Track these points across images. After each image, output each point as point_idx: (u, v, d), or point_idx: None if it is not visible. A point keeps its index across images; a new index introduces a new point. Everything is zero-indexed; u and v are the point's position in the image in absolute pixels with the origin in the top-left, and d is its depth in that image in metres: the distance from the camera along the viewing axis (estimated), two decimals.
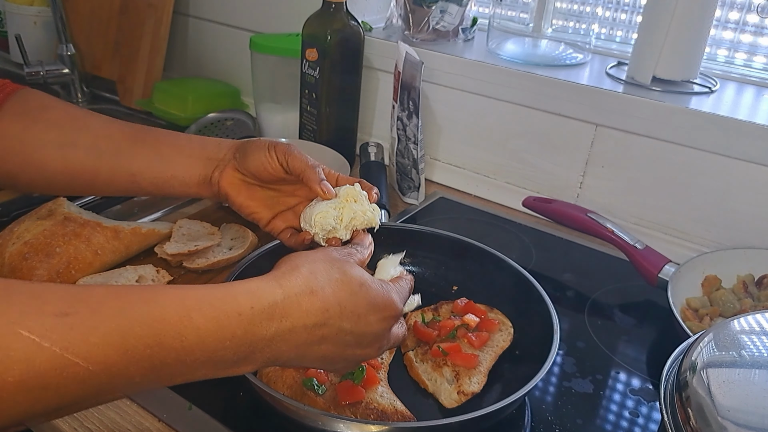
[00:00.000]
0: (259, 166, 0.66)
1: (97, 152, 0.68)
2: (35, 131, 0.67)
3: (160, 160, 0.68)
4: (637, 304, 0.89)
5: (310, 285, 0.49)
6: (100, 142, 0.68)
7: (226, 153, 0.69)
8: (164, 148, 0.69)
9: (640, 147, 0.98)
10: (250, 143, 0.68)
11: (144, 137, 0.69)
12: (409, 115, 1.04)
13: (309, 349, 0.49)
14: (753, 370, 0.52)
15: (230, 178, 0.69)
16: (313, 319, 0.49)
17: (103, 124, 0.70)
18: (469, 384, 0.67)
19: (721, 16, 1.04)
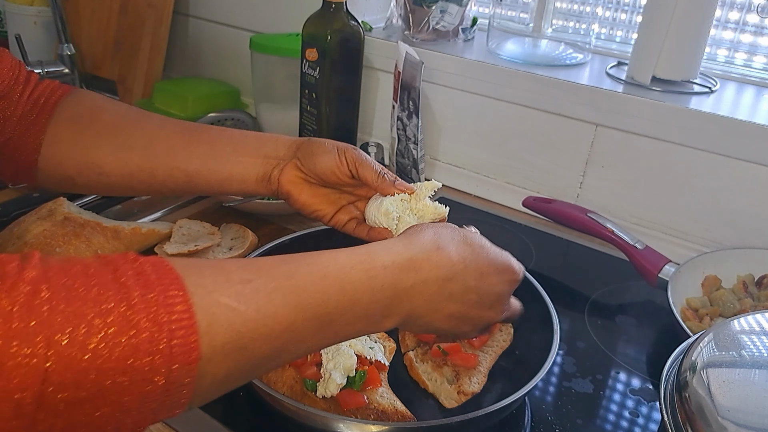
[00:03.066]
0: (326, 170, 0.66)
1: (152, 154, 0.67)
2: (89, 135, 0.67)
3: (217, 159, 0.68)
4: (637, 304, 0.89)
5: (436, 242, 0.54)
6: (155, 144, 0.68)
7: (286, 151, 0.69)
8: (220, 146, 0.68)
9: (640, 147, 0.98)
10: (315, 144, 0.67)
11: (198, 136, 0.69)
12: (409, 115, 1.04)
13: (439, 304, 0.53)
14: (753, 370, 0.52)
15: (291, 177, 0.69)
16: (443, 272, 0.53)
17: (157, 124, 0.69)
18: (469, 384, 0.67)
19: (721, 16, 1.04)
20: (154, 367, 0.36)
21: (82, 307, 0.35)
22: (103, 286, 0.37)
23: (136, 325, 0.36)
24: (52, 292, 0.35)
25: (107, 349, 0.35)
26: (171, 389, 0.37)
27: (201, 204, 1.04)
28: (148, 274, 0.38)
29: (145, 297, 0.37)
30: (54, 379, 0.33)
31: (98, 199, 1.01)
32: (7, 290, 0.34)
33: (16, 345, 0.33)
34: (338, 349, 0.65)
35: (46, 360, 0.33)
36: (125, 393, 0.36)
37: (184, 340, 0.37)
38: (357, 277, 0.48)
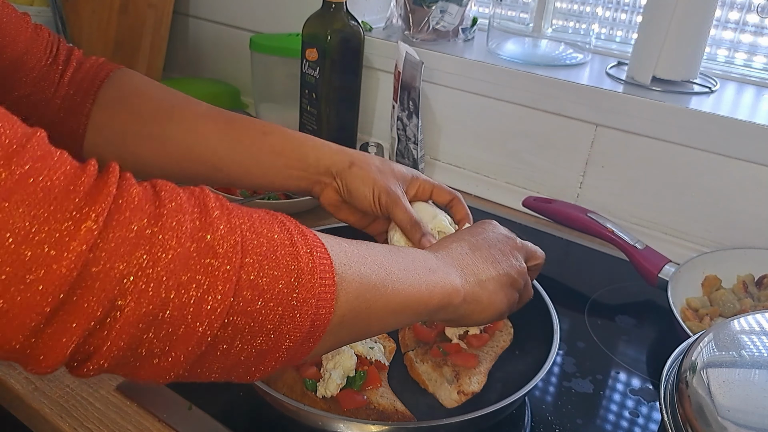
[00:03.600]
0: (361, 207, 0.69)
1: (196, 154, 0.68)
2: (129, 123, 0.68)
3: (258, 168, 0.69)
4: (637, 304, 0.89)
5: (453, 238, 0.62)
6: (200, 143, 0.68)
7: (326, 170, 0.69)
8: (262, 156, 0.69)
9: (640, 147, 0.98)
10: (354, 180, 0.68)
11: (239, 138, 0.68)
12: (409, 115, 1.04)
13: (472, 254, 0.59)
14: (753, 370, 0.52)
15: (330, 199, 0.71)
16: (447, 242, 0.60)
17: (199, 115, 0.69)
18: (470, 384, 0.67)
19: (721, 16, 1.04)
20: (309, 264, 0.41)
21: (250, 213, 0.41)
22: (252, 209, 0.42)
23: (289, 231, 0.42)
24: (233, 208, 0.40)
25: (275, 243, 0.41)
26: (320, 296, 0.42)
27: None
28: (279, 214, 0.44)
29: (287, 219, 0.44)
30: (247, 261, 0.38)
31: None
32: (199, 190, 0.40)
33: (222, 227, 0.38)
34: (338, 350, 0.65)
35: (242, 243, 0.38)
36: (291, 286, 0.40)
37: (322, 254, 0.43)
38: (399, 249, 0.55)
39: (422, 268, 0.53)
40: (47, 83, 0.66)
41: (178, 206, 0.37)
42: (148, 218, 0.35)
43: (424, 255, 0.55)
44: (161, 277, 0.35)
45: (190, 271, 0.36)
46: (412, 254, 0.54)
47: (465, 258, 0.58)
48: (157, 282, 0.34)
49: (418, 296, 0.51)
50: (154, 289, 0.34)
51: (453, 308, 0.55)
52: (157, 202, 0.36)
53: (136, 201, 0.35)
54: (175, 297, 0.35)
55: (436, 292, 0.52)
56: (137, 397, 0.65)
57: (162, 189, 0.38)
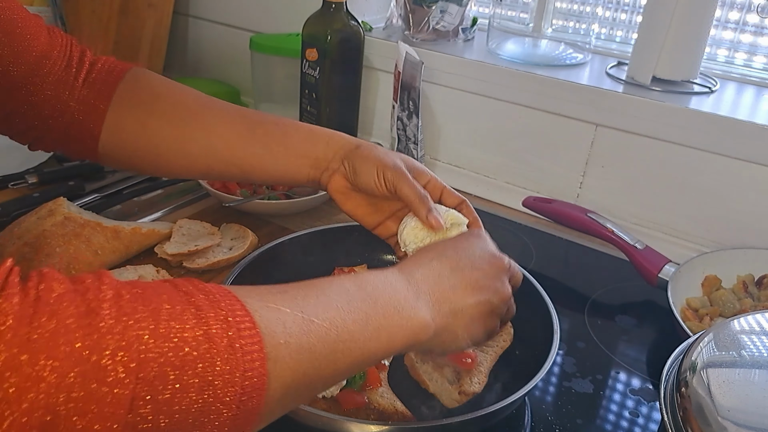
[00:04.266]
0: (367, 186, 0.67)
1: (210, 150, 0.69)
2: (150, 125, 0.68)
3: (270, 158, 0.70)
4: (637, 304, 0.89)
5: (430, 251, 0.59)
6: (214, 140, 0.69)
7: (334, 156, 0.69)
8: (274, 146, 0.69)
9: (640, 147, 0.98)
10: (360, 160, 0.68)
11: (254, 133, 0.70)
12: (409, 115, 1.04)
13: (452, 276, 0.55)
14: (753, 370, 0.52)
15: (338, 186, 0.70)
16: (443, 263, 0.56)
17: (216, 115, 0.70)
18: (470, 384, 0.67)
19: (721, 16, 1.04)
20: (229, 362, 0.37)
21: (158, 307, 0.37)
22: (170, 293, 0.39)
23: (206, 323, 0.38)
24: (130, 296, 0.36)
25: (187, 342, 0.36)
26: (246, 388, 0.38)
27: (201, 204, 1.04)
28: (205, 286, 0.41)
29: (209, 301, 0.39)
30: (144, 374, 0.34)
31: (98, 199, 1.01)
32: (94, 294, 0.35)
33: (111, 340, 0.34)
34: None
35: (138, 353, 0.34)
36: (206, 389, 0.36)
37: (249, 339, 0.39)
38: (369, 278, 0.51)
39: (386, 307, 0.49)
40: (64, 86, 0.66)
41: (57, 324, 0.32)
42: (20, 344, 0.31)
43: (393, 286, 0.51)
44: (31, 413, 0.30)
45: (70, 401, 0.32)
46: (378, 289, 0.50)
47: (442, 283, 0.54)
48: (28, 419, 0.30)
49: (376, 348, 0.48)
50: (22, 428, 0.30)
51: (420, 344, 0.52)
52: (33, 320, 0.32)
53: (8, 324, 0.31)
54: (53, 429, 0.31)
55: (399, 336, 0.49)
56: None
57: (42, 299, 0.33)
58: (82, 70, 0.68)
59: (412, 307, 0.51)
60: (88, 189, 1.03)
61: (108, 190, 1.04)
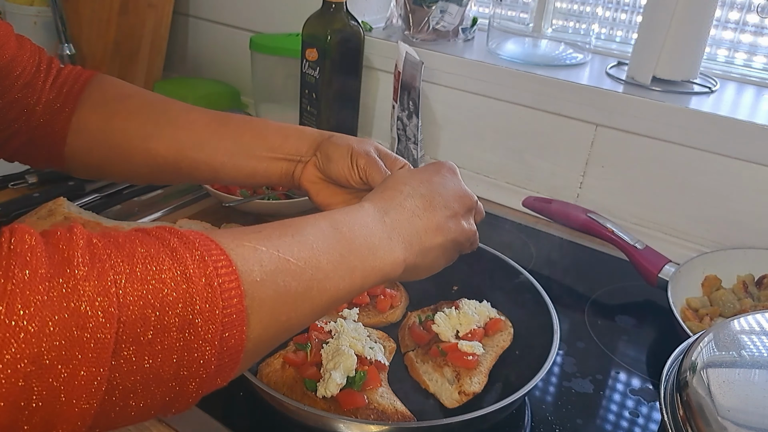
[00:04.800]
0: (339, 175, 0.67)
1: (178, 145, 0.68)
2: (116, 123, 0.68)
3: (241, 156, 0.68)
4: (637, 304, 0.89)
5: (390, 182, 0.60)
6: (181, 134, 0.68)
7: (307, 149, 0.69)
8: (243, 142, 0.68)
9: (640, 147, 0.98)
10: (332, 148, 0.67)
11: (223, 129, 0.69)
12: (409, 115, 1.04)
13: (421, 218, 0.56)
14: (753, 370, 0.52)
15: (310, 177, 0.69)
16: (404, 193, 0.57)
17: (182, 113, 0.69)
18: (470, 384, 0.67)
19: (721, 16, 1.04)
20: (208, 299, 0.38)
21: (132, 252, 0.37)
22: (143, 239, 0.39)
23: (183, 263, 0.38)
24: (103, 244, 0.36)
25: (165, 283, 0.36)
26: (226, 325, 0.38)
27: (201, 204, 1.04)
28: (179, 230, 0.40)
29: (183, 243, 0.39)
30: (125, 317, 0.34)
31: (98, 199, 1.01)
32: (66, 244, 0.35)
33: (88, 286, 0.33)
34: (338, 349, 0.65)
35: (117, 297, 0.34)
36: (187, 328, 0.37)
37: (227, 277, 0.39)
38: (342, 218, 0.52)
39: (362, 248, 0.50)
40: (32, 89, 0.66)
41: (32, 274, 0.32)
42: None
43: (367, 228, 0.52)
44: (15, 365, 0.30)
45: (53, 349, 0.31)
46: (355, 228, 0.51)
47: (414, 223, 0.56)
48: (12, 371, 0.30)
49: (350, 287, 0.49)
50: (8, 380, 0.30)
51: (388, 281, 0.54)
52: (7, 272, 0.32)
53: None
54: (39, 382, 0.31)
55: (372, 275, 0.51)
56: None
57: (15, 251, 0.33)
58: (50, 75, 0.68)
59: (386, 248, 0.52)
60: (88, 189, 1.03)
61: (108, 190, 1.04)
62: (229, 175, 0.69)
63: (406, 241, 0.54)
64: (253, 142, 0.68)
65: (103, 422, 0.36)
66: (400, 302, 0.79)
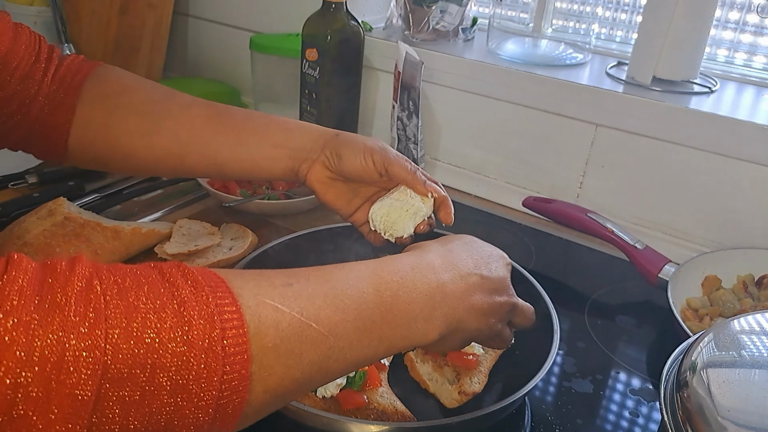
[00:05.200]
0: (354, 172, 0.67)
1: (180, 141, 0.68)
2: (118, 118, 0.67)
3: (243, 150, 0.68)
4: (637, 304, 0.89)
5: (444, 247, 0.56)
6: (182, 131, 0.68)
7: (313, 146, 0.68)
8: (246, 135, 0.68)
9: (640, 147, 0.98)
10: (342, 146, 0.67)
11: (224, 123, 0.68)
12: (409, 115, 1.04)
13: (467, 299, 0.52)
14: (753, 370, 0.52)
15: (318, 176, 0.69)
16: (457, 270, 0.53)
17: (184, 107, 0.69)
18: (470, 384, 0.67)
19: (721, 16, 1.04)
20: (207, 364, 0.35)
21: (136, 301, 0.35)
22: (153, 284, 0.36)
23: (188, 321, 0.35)
24: (105, 287, 0.34)
25: (162, 343, 0.34)
26: (224, 392, 0.36)
27: (201, 204, 1.04)
28: (195, 276, 0.38)
29: (195, 295, 0.37)
30: (111, 375, 0.33)
31: (98, 199, 1.01)
32: (62, 286, 0.33)
33: (75, 338, 0.32)
34: None
35: (104, 353, 0.32)
36: (179, 392, 0.35)
37: (235, 340, 0.37)
38: (389, 278, 0.48)
39: (398, 319, 0.47)
40: (31, 81, 0.66)
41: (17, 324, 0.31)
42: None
43: (411, 297, 0.48)
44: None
45: (29, 401, 0.30)
46: (396, 299, 0.47)
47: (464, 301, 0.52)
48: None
49: (372, 355, 0.46)
50: None
51: (414, 348, 0.52)
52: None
53: None
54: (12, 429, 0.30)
55: (398, 345, 0.47)
56: None
57: (4, 288, 0.31)
58: (51, 66, 0.67)
59: (426, 320, 0.49)
60: (88, 189, 1.03)
61: (108, 190, 1.04)
62: (232, 168, 0.69)
63: (448, 318, 0.50)
64: (254, 139, 0.68)
65: None
66: None
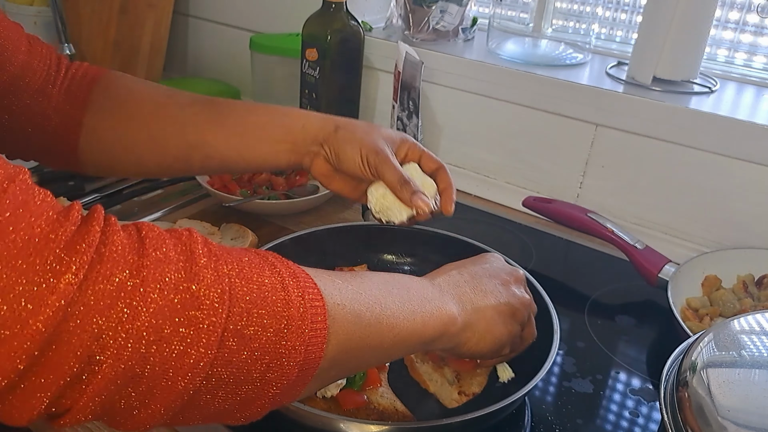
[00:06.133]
0: (350, 171, 0.69)
1: (185, 142, 0.69)
2: (125, 127, 0.68)
3: (248, 146, 0.69)
4: (637, 304, 0.89)
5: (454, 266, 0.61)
6: (188, 131, 0.69)
7: (314, 139, 0.69)
8: (248, 132, 0.69)
9: (640, 147, 0.98)
10: (341, 144, 0.68)
11: (227, 121, 0.69)
12: (409, 115, 1.04)
13: (472, 283, 0.58)
14: (753, 370, 0.52)
15: (321, 169, 0.71)
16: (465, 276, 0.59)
17: (187, 107, 0.70)
18: (471, 384, 0.67)
19: (721, 16, 1.04)
20: (300, 312, 0.40)
21: (240, 258, 0.40)
22: (244, 251, 0.42)
23: (282, 277, 0.41)
24: (215, 245, 0.40)
25: (266, 288, 0.40)
26: (311, 342, 0.41)
27: (201, 204, 1.04)
28: (274, 255, 0.44)
29: (278, 260, 0.43)
30: (233, 310, 0.37)
31: (98, 199, 1.01)
32: (187, 237, 0.39)
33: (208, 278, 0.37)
34: None
35: (230, 288, 0.37)
36: (280, 335, 0.39)
37: (313, 296, 0.42)
38: (392, 278, 0.54)
39: (417, 297, 0.52)
40: (44, 96, 0.66)
41: (163, 255, 0.36)
42: (131, 269, 0.34)
43: (420, 283, 0.55)
44: (141, 332, 0.34)
45: (173, 324, 0.35)
46: (408, 283, 0.54)
47: (463, 286, 0.57)
48: (137, 337, 0.33)
49: (413, 329, 0.50)
50: (133, 344, 0.33)
51: (449, 337, 0.54)
52: (142, 250, 0.35)
53: (119, 251, 0.34)
54: (156, 352, 0.34)
55: (431, 322, 0.51)
56: None
57: (147, 236, 0.37)
58: (59, 77, 0.68)
59: (440, 300, 0.54)
60: (88, 189, 1.03)
61: (108, 190, 1.04)
62: (238, 164, 0.71)
63: (457, 298, 0.56)
64: (256, 132, 0.69)
65: (188, 412, 0.38)
66: None
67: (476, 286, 0.58)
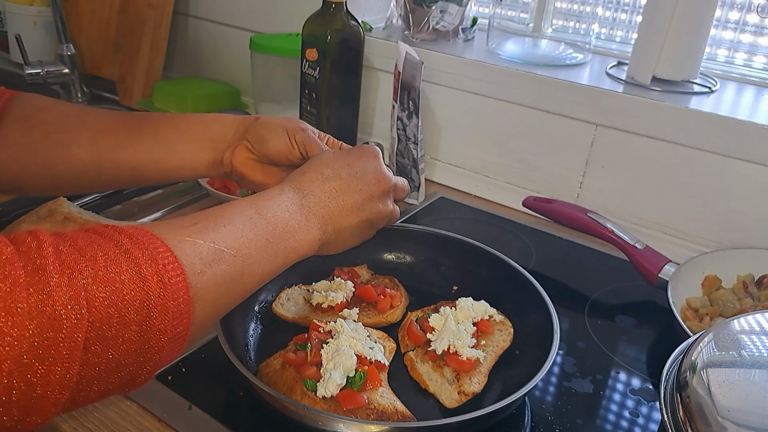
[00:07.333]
0: (278, 154, 0.69)
1: (98, 148, 0.68)
2: (36, 135, 0.68)
3: (163, 148, 0.69)
4: (637, 304, 0.89)
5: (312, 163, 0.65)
6: (100, 137, 0.68)
7: (234, 133, 0.70)
8: (165, 134, 0.69)
9: (640, 147, 0.98)
10: (264, 128, 0.69)
11: (141, 126, 0.69)
12: (409, 115, 1.04)
13: (338, 198, 0.62)
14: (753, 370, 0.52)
15: (243, 160, 0.70)
16: (323, 174, 0.63)
17: (100, 117, 0.70)
18: (470, 384, 0.67)
19: (721, 16, 1.04)
20: (161, 295, 0.42)
21: (94, 255, 0.41)
22: (98, 241, 0.42)
23: (138, 264, 0.42)
24: (67, 248, 0.40)
25: (125, 284, 0.40)
26: (176, 319, 0.43)
27: (201, 204, 1.04)
28: (123, 228, 0.45)
29: (133, 243, 0.43)
30: (93, 317, 0.38)
31: (98, 199, 1.01)
32: (36, 250, 0.38)
33: (61, 292, 0.37)
34: (338, 349, 0.65)
35: (86, 300, 0.38)
36: (144, 323, 0.41)
37: (174, 272, 0.44)
38: (265, 203, 0.57)
39: (282, 232, 0.56)
40: None
41: (12, 284, 0.35)
42: None
43: (288, 213, 0.57)
44: (1, 365, 0.34)
45: (32, 349, 0.35)
46: (276, 217, 0.56)
47: (331, 205, 0.61)
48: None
49: (275, 267, 0.55)
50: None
51: (305, 258, 0.59)
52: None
53: None
54: (20, 379, 0.35)
55: (292, 256, 0.57)
56: (137, 397, 0.65)
57: None
58: None
59: (304, 230, 0.58)
60: None
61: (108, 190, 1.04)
62: (152, 173, 0.70)
63: (321, 222, 0.60)
64: (173, 137, 0.69)
65: (69, 406, 0.40)
66: (400, 302, 0.79)
67: (343, 203, 0.62)
